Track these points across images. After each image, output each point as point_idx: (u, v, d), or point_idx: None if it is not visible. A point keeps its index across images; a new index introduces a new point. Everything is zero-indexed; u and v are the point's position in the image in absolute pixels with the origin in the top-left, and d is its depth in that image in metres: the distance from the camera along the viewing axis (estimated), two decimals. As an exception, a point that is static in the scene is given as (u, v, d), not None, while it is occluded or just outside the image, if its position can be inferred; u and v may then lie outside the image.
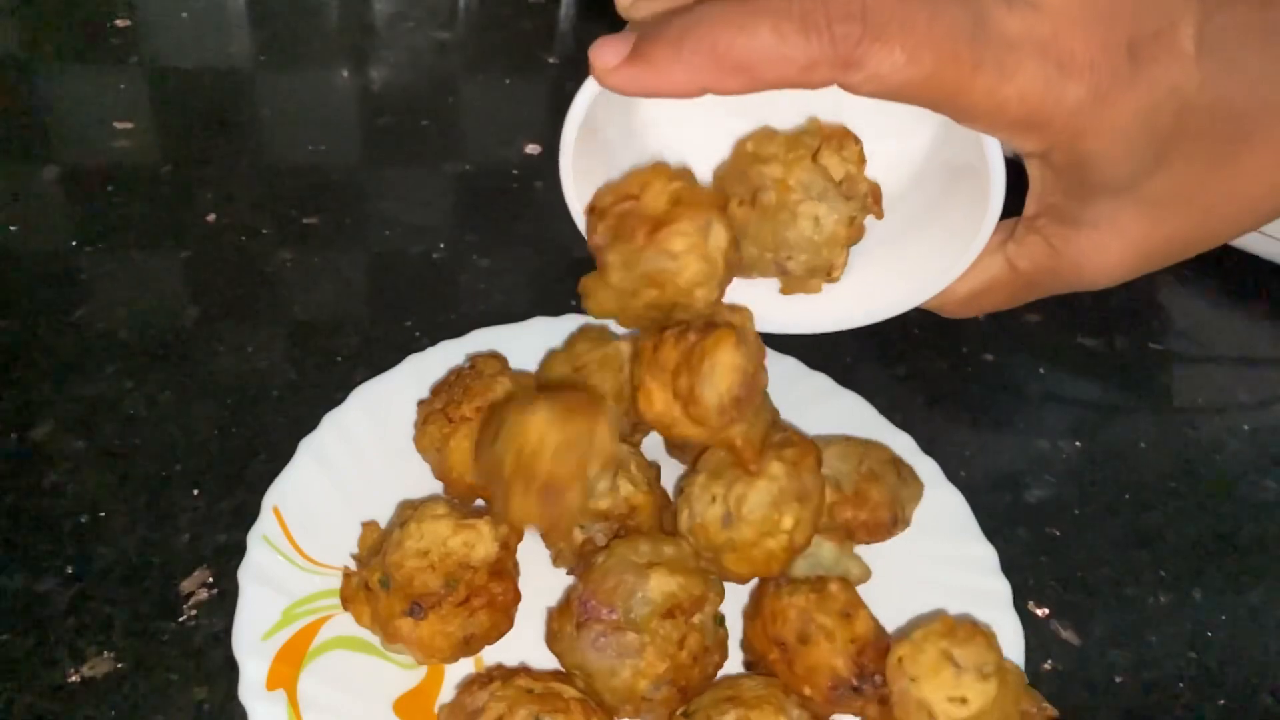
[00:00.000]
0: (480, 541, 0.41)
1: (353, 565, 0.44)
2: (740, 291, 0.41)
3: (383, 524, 0.45)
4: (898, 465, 0.47)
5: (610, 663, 0.39)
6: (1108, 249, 0.34)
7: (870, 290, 0.41)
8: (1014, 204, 0.35)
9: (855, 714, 0.41)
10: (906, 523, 0.47)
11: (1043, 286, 0.37)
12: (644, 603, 0.39)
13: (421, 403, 0.48)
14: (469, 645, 0.41)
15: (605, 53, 0.31)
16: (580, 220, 0.39)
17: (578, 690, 0.39)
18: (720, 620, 0.42)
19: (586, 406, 0.38)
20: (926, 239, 0.39)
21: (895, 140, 0.39)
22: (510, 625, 0.42)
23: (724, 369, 0.37)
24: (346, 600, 0.41)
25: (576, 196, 0.38)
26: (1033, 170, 0.34)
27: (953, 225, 0.38)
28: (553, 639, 0.41)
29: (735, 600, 0.45)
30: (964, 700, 0.37)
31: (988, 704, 0.37)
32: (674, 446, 0.50)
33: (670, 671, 0.39)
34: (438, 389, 0.48)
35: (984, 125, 0.31)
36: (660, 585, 0.39)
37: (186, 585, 0.44)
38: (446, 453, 0.45)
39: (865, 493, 0.46)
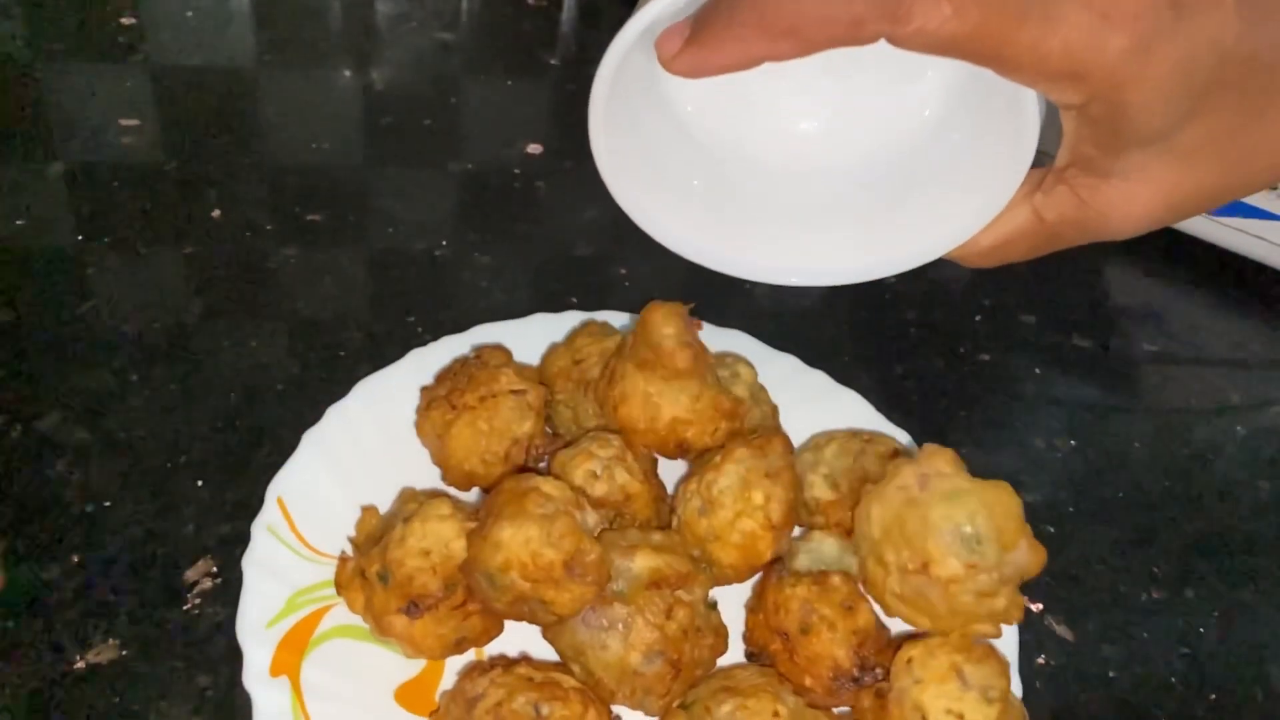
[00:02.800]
0: None
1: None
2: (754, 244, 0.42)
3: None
4: (898, 458, 0.47)
5: (600, 636, 0.39)
6: (1136, 199, 0.34)
7: (895, 240, 0.41)
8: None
9: (850, 705, 0.41)
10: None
11: (1066, 238, 0.37)
12: (629, 576, 0.40)
13: (425, 388, 0.49)
14: (459, 647, 0.41)
15: (667, 44, 0.32)
16: (609, 177, 0.39)
17: (577, 681, 0.40)
18: (713, 605, 0.42)
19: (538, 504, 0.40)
20: (952, 188, 0.39)
21: (922, 84, 0.39)
22: (501, 630, 0.43)
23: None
24: (341, 586, 0.42)
25: (605, 148, 0.38)
26: (1067, 122, 0.34)
27: (980, 174, 0.37)
28: (547, 628, 0.42)
29: (739, 596, 0.45)
30: (961, 716, 0.37)
31: None
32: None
33: (660, 643, 0.39)
34: (442, 376, 0.48)
35: (1026, 78, 0.31)
36: (645, 561, 0.40)
37: (190, 574, 0.45)
38: (447, 439, 0.45)
39: (858, 491, 0.46)
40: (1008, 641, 0.45)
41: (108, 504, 0.47)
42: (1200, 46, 0.30)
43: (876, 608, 0.44)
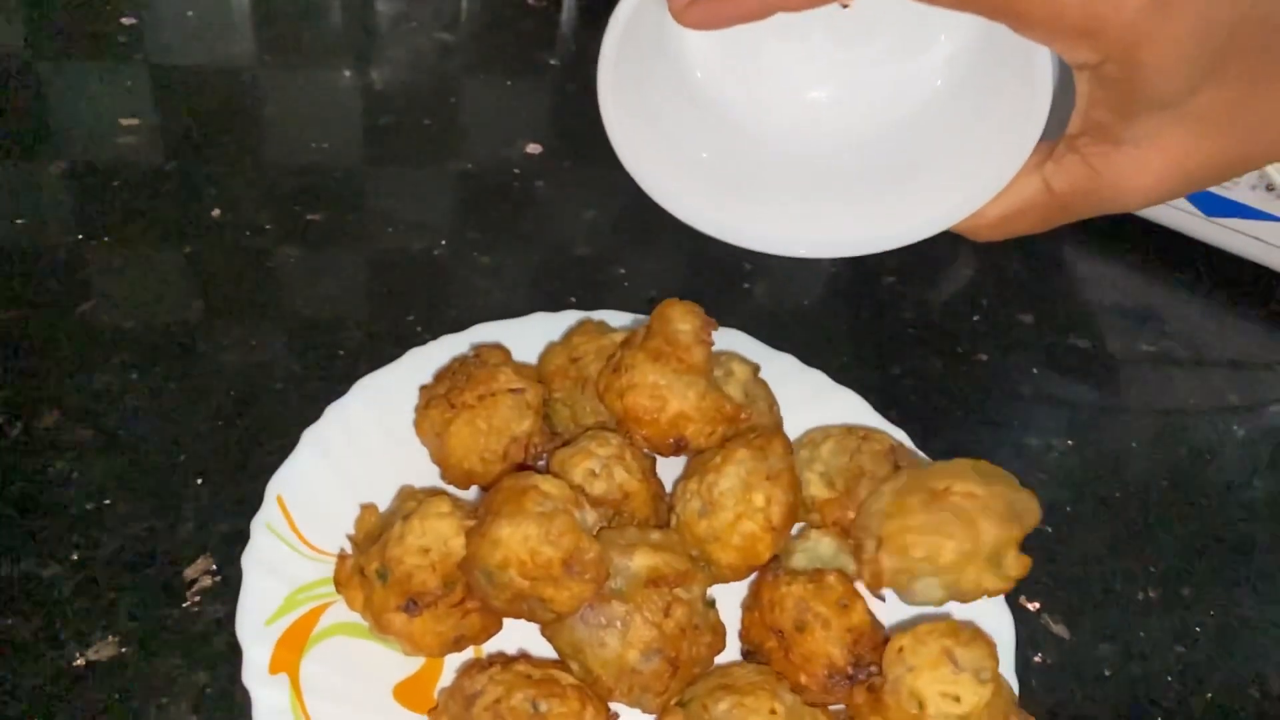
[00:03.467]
0: None
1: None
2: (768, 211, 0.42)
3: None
4: (894, 454, 0.47)
5: (599, 633, 0.39)
6: (1148, 167, 0.33)
7: (903, 211, 0.40)
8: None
9: (845, 702, 0.42)
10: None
11: (1075, 209, 0.36)
12: (628, 574, 0.40)
13: (424, 387, 0.49)
14: (458, 644, 0.42)
15: None
16: (618, 141, 0.38)
17: (575, 679, 0.40)
18: (711, 603, 0.42)
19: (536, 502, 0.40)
20: (962, 158, 0.39)
21: (934, 53, 0.39)
22: (499, 628, 0.43)
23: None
24: (340, 583, 0.42)
25: (615, 114, 0.37)
26: (1081, 84, 0.33)
27: (989, 144, 0.37)
28: (545, 626, 0.42)
29: (735, 594, 0.46)
30: (957, 698, 0.38)
31: (979, 707, 0.38)
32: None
33: (658, 640, 0.39)
34: (441, 375, 0.48)
35: (1041, 34, 0.31)
36: (643, 560, 0.40)
37: (190, 572, 0.45)
38: (446, 437, 0.46)
39: (854, 491, 0.47)
40: (1004, 635, 0.45)
41: (108, 502, 0.47)
42: (1218, 7, 0.30)
43: (872, 605, 0.44)
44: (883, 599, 0.45)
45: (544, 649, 0.42)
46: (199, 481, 0.49)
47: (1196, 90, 0.32)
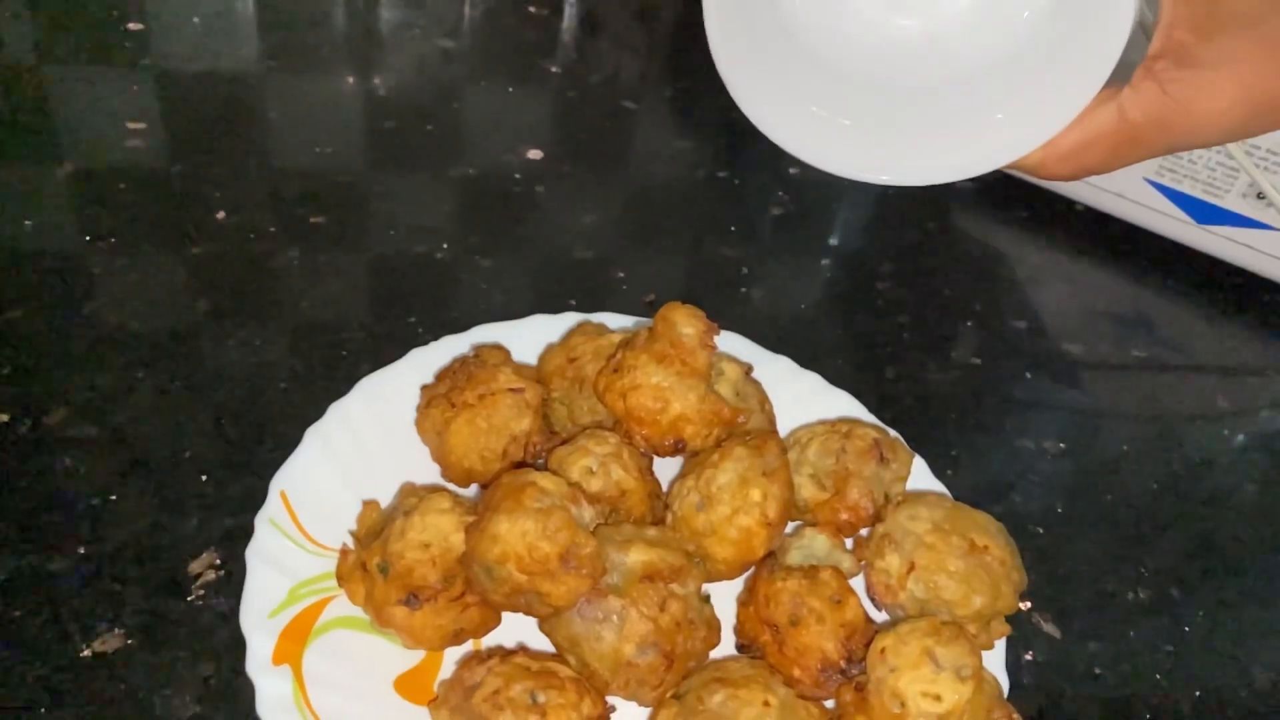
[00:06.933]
0: None
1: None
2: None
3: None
4: (879, 448, 0.48)
5: (595, 627, 0.40)
6: (1221, 92, 0.35)
7: (982, 137, 0.42)
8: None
9: (835, 698, 0.42)
10: (899, 498, 0.48)
11: (1146, 140, 0.38)
12: (624, 570, 0.41)
13: (425, 387, 0.49)
14: (457, 638, 0.42)
15: None
16: (717, 48, 0.41)
17: (572, 671, 0.40)
18: (706, 598, 0.43)
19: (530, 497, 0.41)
20: (1044, 80, 0.40)
21: None
22: (499, 622, 0.44)
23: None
24: (342, 578, 0.43)
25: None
26: (1166, 4, 0.35)
27: (1070, 67, 0.39)
28: (543, 620, 0.42)
29: (730, 589, 0.46)
30: (938, 697, 0.39)
31: (960, 705, 0.38)
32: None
33: (654, 634, 0.40)
34: (442, 374, 0.49)
35: None
36: (639, 555, 0.41)
37: (195, 566, 0.46)
38: (447, 436, 0.46)
39: (844, 493, 0.47)
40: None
41: (114, 498, 0.48)
42: None
43: (866, 602, 0.45)
44: (879, 608, 0.46)
45: (542, 643, 0.43)
46: (203, 478, 0.49)
47: (1274, 12, 0.33)
